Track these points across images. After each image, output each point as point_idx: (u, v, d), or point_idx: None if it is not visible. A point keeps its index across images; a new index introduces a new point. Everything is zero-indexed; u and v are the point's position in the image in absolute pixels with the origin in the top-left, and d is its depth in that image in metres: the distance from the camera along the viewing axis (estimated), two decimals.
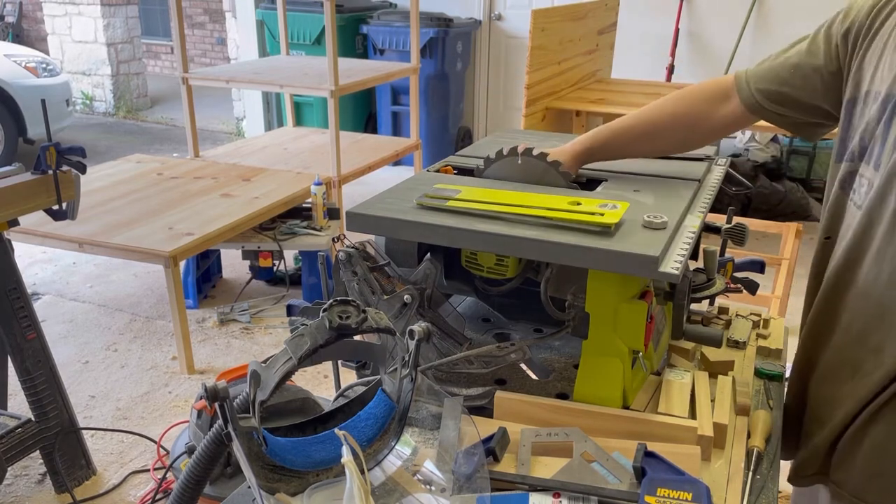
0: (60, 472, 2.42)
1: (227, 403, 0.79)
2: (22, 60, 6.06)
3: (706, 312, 1.46)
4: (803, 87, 1.19)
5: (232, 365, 3.24)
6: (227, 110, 7.72)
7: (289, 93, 5.21)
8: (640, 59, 5.36)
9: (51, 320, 3.62)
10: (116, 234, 3.14)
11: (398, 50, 5.65)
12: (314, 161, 4.37)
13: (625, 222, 1.08)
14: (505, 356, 1.13)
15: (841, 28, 1.15)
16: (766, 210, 4.89)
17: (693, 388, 1.13)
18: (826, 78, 1.18)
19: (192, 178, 3.93)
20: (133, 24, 8.27)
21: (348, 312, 0.87)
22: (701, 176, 1.35)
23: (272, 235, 3.59)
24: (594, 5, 4.20)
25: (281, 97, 5.95)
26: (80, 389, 3.04)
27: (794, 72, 1.19)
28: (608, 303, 1.06)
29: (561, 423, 1.05)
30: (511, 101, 6.23)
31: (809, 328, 1.23)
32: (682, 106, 1.30)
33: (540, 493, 0.93)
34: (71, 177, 2.24)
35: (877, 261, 1.07)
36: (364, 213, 1.12)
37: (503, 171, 1.30)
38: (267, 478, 0.85)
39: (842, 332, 1.15)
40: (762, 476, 1.06)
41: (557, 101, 3.90)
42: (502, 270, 1.23)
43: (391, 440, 0.94)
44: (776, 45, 1.25)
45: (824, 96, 1.19)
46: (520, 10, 5.97)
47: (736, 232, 1.32)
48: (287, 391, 1.84)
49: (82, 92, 8.27)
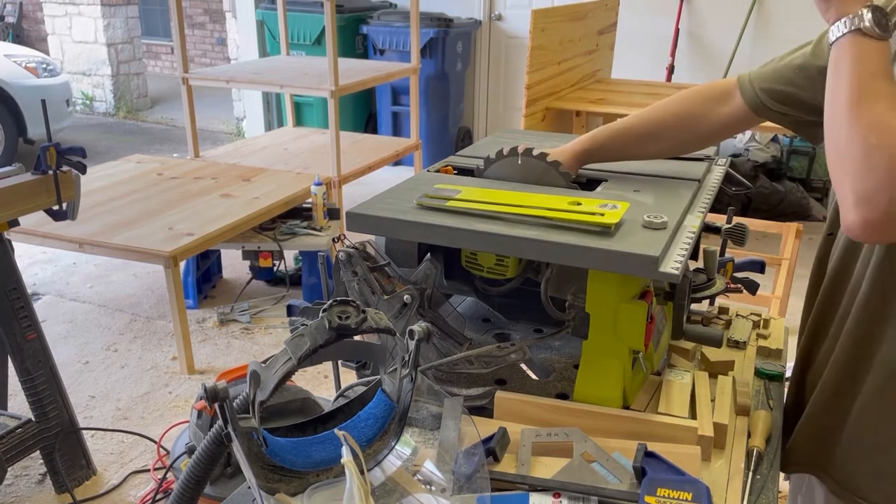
0: (60, 472, 2.42)
1: (227, 404, 0.79)
2: (22, 60, 6.07)
3: (706, 312, 1.46)
4: (808, 88, 1.19)
5: (232, 365, 3.24)
6: (227, 110, 7.72)
7: (289, 93, 5.21)
8: (640, 60, 5.36)
9: (51, 320, 3.62)
10: (116, 234, 3.14)
11: (398, 50, 5.65)
12: (314, 161, 4.37)
13: (625, 222, 1.08)
14: (505, 356, 1.13)
15: None
16: (766, 210, 4.89)
17: (693, 388, 1.13)
18: None
19: (192, 179, 3.93)
20: (133, 24, 8.28)
21: (348, 312, 0.87)
22: (701, 176, 1.35)
23: (272, 235, 3.59)
24: (594, 5, 4.20)
25: (281, 97, 5.95)
26: (80, 389, 3.04)
27: (798, 72, 1.19)
28: (608, 303, 1.06)
29: (561, 423, 1.05)
30: (511, 101, 6.24)
31: (812, 323, 1.24)
32: (683, 106, 1.30)
33: (540, 493, 0.93)
34: (71, 177, 2.24)
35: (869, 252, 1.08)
36: (364, 214, 1.12)
37: (503, 172, 1.30)
38: (267, 478, 0.85)
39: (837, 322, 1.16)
40: (762, 476, 1.06)
41: (557, 102, 3.90)
42: (502, 270, 1.23)
43: (391, 440, 0.94)
44: (776, 45, 1.25)
45: None
46: (520, 10, 5.97)
47: (736, 232, 1.32)
48: (287, 391, 1.84)
49: (82, 92, 8.28)
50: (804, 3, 5.30)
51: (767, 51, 1.26)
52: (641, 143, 1.33)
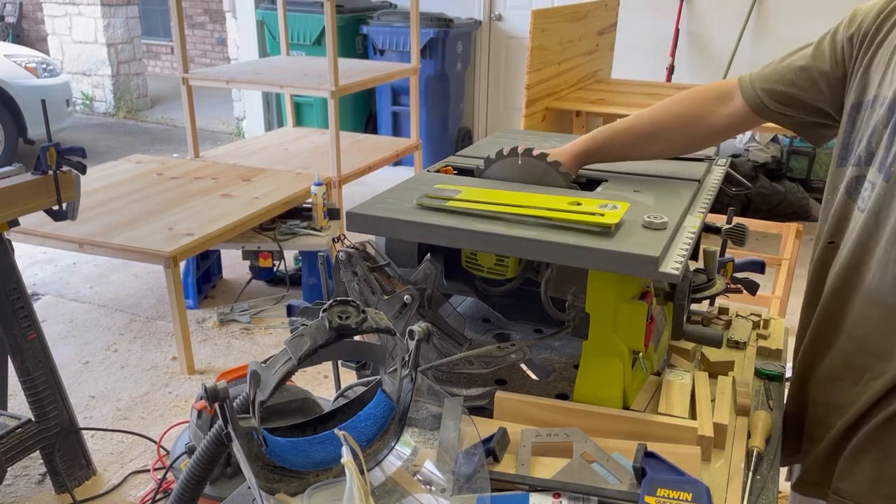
0: (60, 472, 2.42)
1: (227, 404, 0.79)
2: (22, 61, 6.07)
3: (706, 313, 1.46)
4: (809, 90, 1.19)
5: (232, 365, 3.24)
6: (227, 110, 7.72)
7: (289, 93, 5.21)
8: (640, 60, 5.35)
9: (51, 320, 3.62)
10: (116, 234, 3.14)
11: (398, 50, 5.65)
12: (314, 161, 4.37)
13: (625, 222, 1.08)
14: (505, 356, 1.13)
15: (846, 34, 1.15)
16: (766, 210, 4.89)
17: (693, 388, 1.13)
18: (832, 83, 1.18)
19: (192, 179, 3.92)
20: (133, 24, 8.27)
21: (348, 313, 0.87)
22: (701, 176, 1.35)
23: (272, 236, 3.59)
24: (594, 5, 4.20)
25: (281, 97, 5.95)
26: (80, 389, 3.04)
27: (800, 73, 1.19)
28: (608, 303, 1.06)
29: (561, 423, 1.05)
30: (511, 102, 6.23)
31: (812, 333, 1.22)
32: (684, 107, 1.30)
33: (540, 493, 0.93)
34: (71, 177, 2.24)
35: (882, 264, 1.07)
36: (364, 214, 1.12)
37: (503, 172, 1.30)
38: (267, 478, 0.85)
39: (845, 336, 1.14)
40: (762, 476, 1.06)
41: (557, 102, 3.90)
42: (502, 270, 1.23)
43: (391, 440, 0.94)
44: (776, 45, 1.25)
45: (830, 101, 1.19)
46: (520, 11, 5.97)
47: (736, 232, 1.32)
48: (287, 391, 1.83)
49: (82, 92, 8.27)
50: (804, 3, 5.31)
51: (767, 51, 1.26)
52: (642, 144, 1.33)
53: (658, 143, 1.32)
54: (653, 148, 1.33)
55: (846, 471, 1.14)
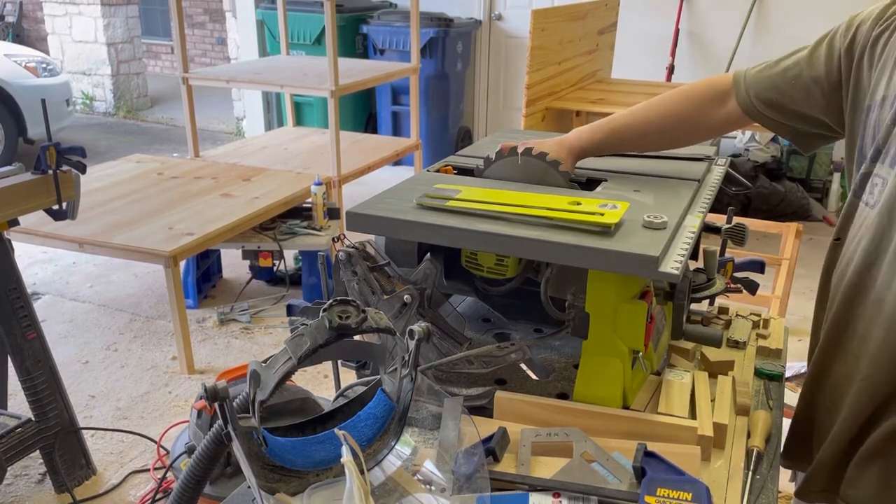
0: (60, 471, 2.42)
1: (227, 403, 0.79)
2: (22, 60, 6.06)
3: (706, 312, 1.46)
4: (803, 99, 1.19)
5: (232, 365, 3.24)
6: (227, 110, 7.72)
7: (289, 93, 5.21)
8: (640, 59, 5.35)
9: (51, 320, 3.62)
10: (116, 234, 3.14)
11: (398, 50, 5.65)
12: (314, 161, 4.37)
13: (625, 222, 1.08)
14: (505, 356, 1.13)
15: (844, 40, 1.15)
16: (766, 210, 4.89)
17: (693, 388, 1.13)
18: (826, 90, 1.17)
19: (192, 178, 3.92)
20: (133, 23, 8.27)
21: (348, 312, 0.87)
22: (701, 176, 1.35)
23: (272, 235, 3.59)
24: (594, 5, 4.20)
25: (281, 97, 5.95)
26: (80, 389, 3.04)
27: (793, 83, 1.19)
28: (608, 303, 1.06)
29: (561, 423, 1.05)
30: (511, 101, 6.23)
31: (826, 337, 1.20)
32: (679, 106, 1.31)
33: (540, 493, 0.93)
34: (71, 177, 2.24)
35: (893, 263, 1.05)
36: (364, 213, 1.12)
37: (503, 171, 1.31)
38: (267, 478, 0.85)
39: (858, 340, 1.12)
40: (762, 476, 1.06)
41: (557, 101, 3.90)
42: (502, 270, 1.23)
43: (391, 440, 0.94)
44: (776, 45, 1.25)
45: (825, 109, 1.19)
46: (520, 10, 5.97)
47: (736, 232, 1.32)
48: (287, 391, 1.84)
49: (82, 92, 8.27)
50: (804, 3, 5.30)
51: (767, 51, 1.27)
52: (639, 141, 1.37)
53: (655, 140, 1.36)
54: (650, 144, 1.38)
55: (854, 477, 1.13)
